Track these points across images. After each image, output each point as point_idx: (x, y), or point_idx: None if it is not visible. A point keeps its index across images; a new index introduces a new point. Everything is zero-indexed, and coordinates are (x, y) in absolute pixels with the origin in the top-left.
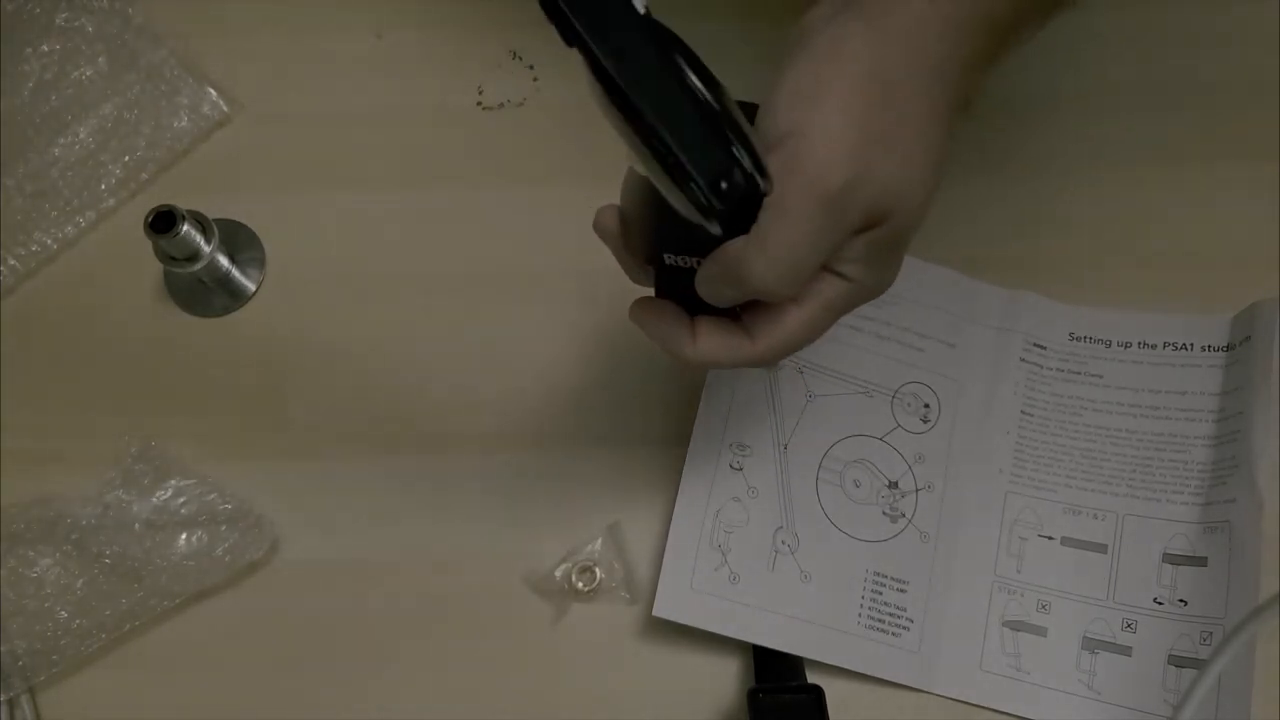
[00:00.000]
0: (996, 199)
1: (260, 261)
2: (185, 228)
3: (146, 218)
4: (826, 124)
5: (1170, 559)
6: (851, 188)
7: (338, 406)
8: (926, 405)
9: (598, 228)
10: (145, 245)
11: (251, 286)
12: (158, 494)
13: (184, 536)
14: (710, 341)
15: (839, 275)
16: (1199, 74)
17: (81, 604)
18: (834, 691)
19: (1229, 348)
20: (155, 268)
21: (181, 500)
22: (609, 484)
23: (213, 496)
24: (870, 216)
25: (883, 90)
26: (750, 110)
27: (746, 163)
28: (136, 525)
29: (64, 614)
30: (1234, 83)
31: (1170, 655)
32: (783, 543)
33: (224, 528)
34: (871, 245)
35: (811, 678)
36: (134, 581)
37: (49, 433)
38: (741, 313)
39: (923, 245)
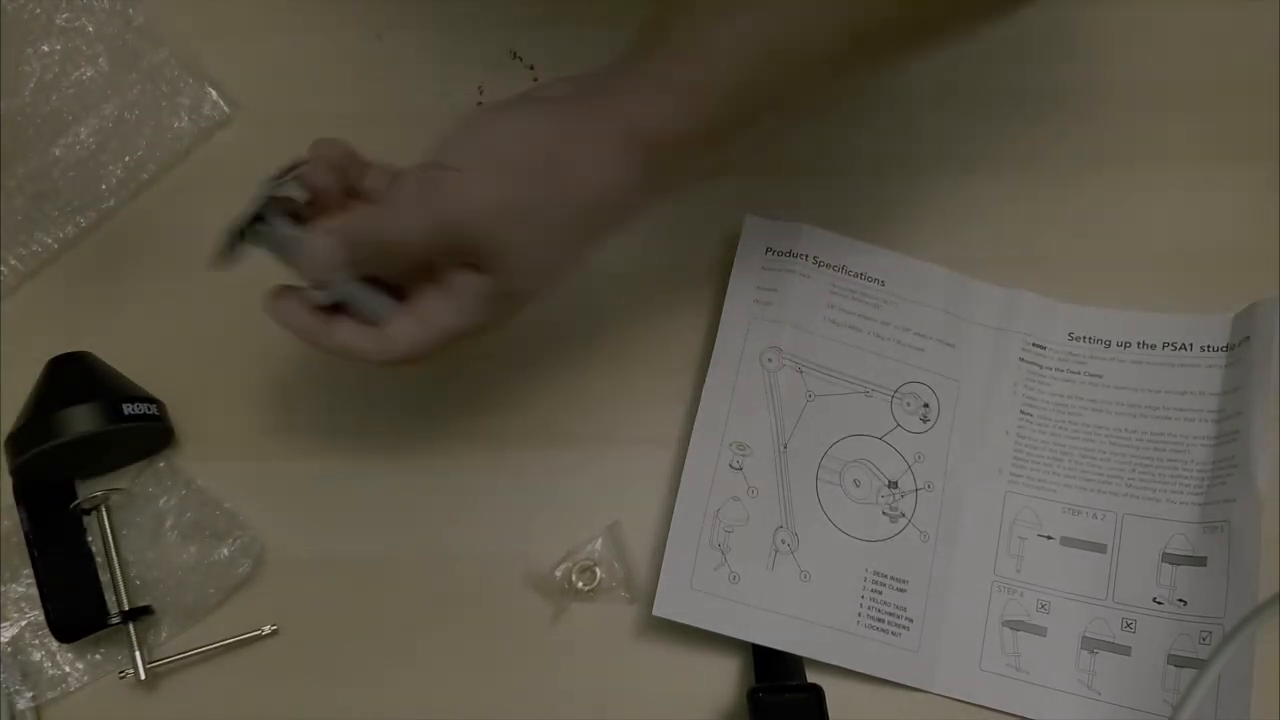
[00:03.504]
0: (996, 199)
1: None
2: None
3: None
4: (484, 178)
5: (1169, 559)
6: (469, 231)
7: (337, 406)
8: (926, 405)
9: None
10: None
11: None
12: (160, 501)
13: (180, 550)
14: (345, 331)
15: (449, 297)
16: (1199, 74)
17: None
18: (834, 691)
19: (1228, 348)
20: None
21: (182, 512)
22: (609, 484)
23: (208, 506)
24: (475, 260)
25: (549, 163)
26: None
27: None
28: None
29: None
30: (1234, 83)
31: (1169, 655)
32: (782, 542)
33: (217, 539)
34: (483, 287)
35: (811, 678)
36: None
37: None
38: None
39: (923, 245)
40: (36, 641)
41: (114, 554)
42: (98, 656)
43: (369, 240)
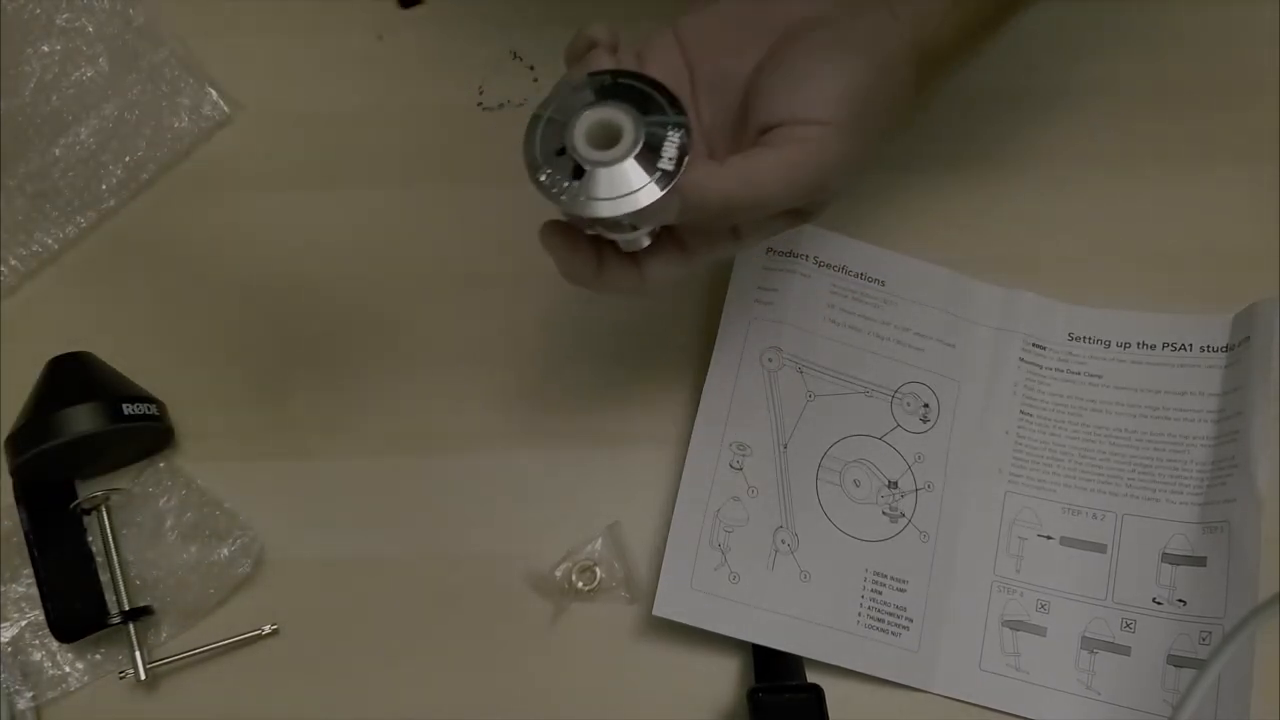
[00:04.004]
0: (996, 199)
1: None
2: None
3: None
4: (840, 136)
5: (1169, 559)
6: (824, 190)
7: (337, 405)
8: (926, 405)
9: (550, 244)
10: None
11: None
12: (160, 501)
13: (180, 550)
14: (611, 275)
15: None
16: (1199, 74)
17: None
18: (834, 691)
19: (1228, 348)
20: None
21: (182, 512)
22: (609, 484)
23: (208, 506)
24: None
25: (876, 100)
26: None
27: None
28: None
29: None
30: (1234, 83)
31: (1169, 655)
32: (782, 542)
33: (218, 539)
34: (781, 223)
35: (811, 677)
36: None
37: None
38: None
39: (923, 245)
40: (36, 641)
41: (114, 554)
42: (98, 656)
43: (729, 205)
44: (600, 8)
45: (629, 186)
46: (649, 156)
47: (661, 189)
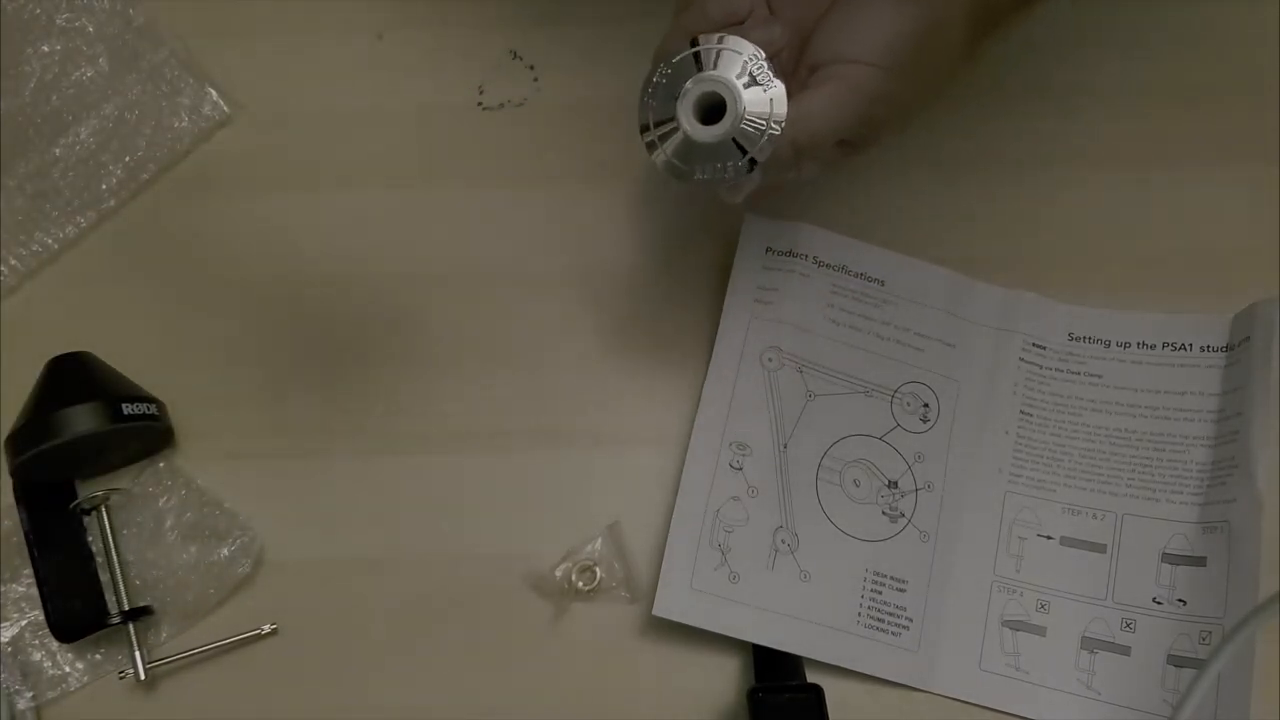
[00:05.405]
0: (996, 199)
1: None
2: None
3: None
4: (888, 74)
5: (1169, 559)
6: (873, 127)
7: (337, 405)
8: (926, 405)
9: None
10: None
11: None
12: (160, 501)
13: (180, 550)
14: None
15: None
16: (1199, 74)
17: None
18: (834, 691)
19: (1228, 348)
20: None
21: (182, 512)
22: (609, 484)
23: (208, 506)
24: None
25: (927, 47)
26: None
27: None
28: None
29: None
30: (1234, 83)
31: (1169, 655)
32: (782, 542)
33: (218, 539)
34: (835, 154)
35: (811, 677)
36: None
37: None
38: None
39: (923, 245)
40: (36, 641)
41: (114, 554)
42: (98, 656)
43: (790, 146)
44: (600, 8)
45: (724, 157)
46: (743, 139)
47: (749, 169)
